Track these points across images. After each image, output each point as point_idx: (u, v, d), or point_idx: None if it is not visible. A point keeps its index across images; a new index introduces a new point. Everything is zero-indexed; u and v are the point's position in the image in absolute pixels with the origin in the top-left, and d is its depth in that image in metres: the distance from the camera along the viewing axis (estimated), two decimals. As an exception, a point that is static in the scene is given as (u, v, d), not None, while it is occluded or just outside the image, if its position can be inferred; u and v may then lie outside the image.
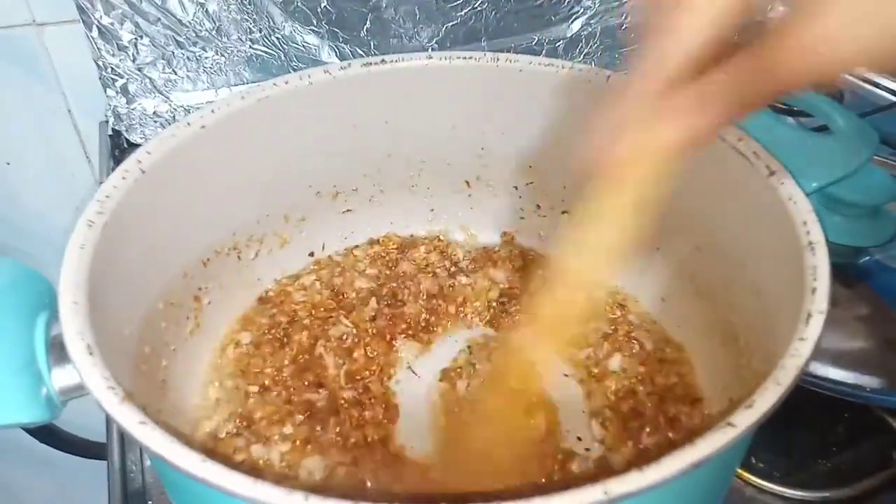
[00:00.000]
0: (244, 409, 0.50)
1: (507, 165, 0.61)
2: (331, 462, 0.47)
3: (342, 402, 0.51)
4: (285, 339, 0.56)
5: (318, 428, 0.49)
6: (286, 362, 0.54)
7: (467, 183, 0.64)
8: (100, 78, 0.79)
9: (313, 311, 0.58)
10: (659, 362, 0.54)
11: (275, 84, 0.52)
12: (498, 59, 0.55)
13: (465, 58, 0.56)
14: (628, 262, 0.39)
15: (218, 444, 0.48)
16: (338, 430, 0.49)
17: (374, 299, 0.59)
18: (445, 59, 0.56)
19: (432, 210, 0.65)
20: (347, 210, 0.63)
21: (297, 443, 0.48)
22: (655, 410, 0.50)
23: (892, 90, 0.89)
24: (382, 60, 0.55)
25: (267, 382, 0.52)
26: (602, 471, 0.47)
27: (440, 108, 0.58)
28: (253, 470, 0.46)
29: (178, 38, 0.80)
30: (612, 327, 0.57)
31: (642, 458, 0.46)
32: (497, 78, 0.56)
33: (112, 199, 0.42)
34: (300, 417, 0.49)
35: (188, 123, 0.48)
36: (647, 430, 0.49)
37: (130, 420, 0.31)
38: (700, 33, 0.31)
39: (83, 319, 0.35)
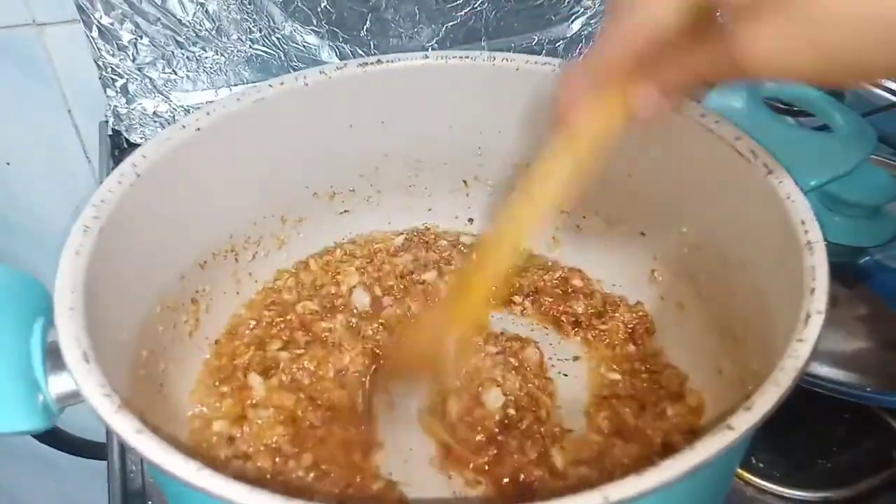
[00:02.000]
0: (243, 414, 0.50)
1: (504, 165, 0.61)
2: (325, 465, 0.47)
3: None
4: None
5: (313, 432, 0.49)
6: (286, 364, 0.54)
7: (465, 183, 0.64)
8: (100, 78, 0.79)
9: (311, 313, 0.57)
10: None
11: (270, 85, 0.52)
12: (494, 59, 0.55)
13: (461, 57, 0.55)
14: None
15: (216, 450, 0.48)
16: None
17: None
18: (442, 58, 0.56)
19: (430, 210, 0.65)
20: (345, 211, 0.63)
21: (295, 447, 0.48)
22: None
23: (893, 90, 0.88)
24: (379, 60, 0.55)
25: (267, 385, 0.52)
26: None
27: (437, 108, 0.58)
28: (251, 477, 0.46)
29: (178, 38, 0.79)
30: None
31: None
32: (494, 77, 0.56)
33: (108, 203, 0.42)
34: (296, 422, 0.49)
35: (183, 126, 0.48)
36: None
37: (127, 428, 0.31)
38: (669, 13, 0.33)
39: (79, 325, 0.35)
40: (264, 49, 0.83)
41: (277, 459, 0.47)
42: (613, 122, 0.39)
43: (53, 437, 0.81)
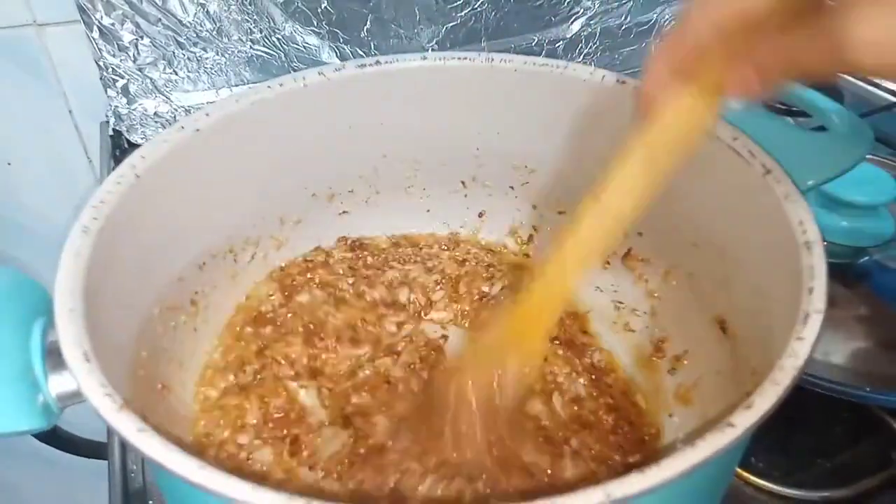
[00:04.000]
0: (243, 413, 0.50)
1: (503, 166, 0.61)
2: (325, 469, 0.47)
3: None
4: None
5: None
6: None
7: (463, 184, 0.64)
8: (100, 78, 0.79)
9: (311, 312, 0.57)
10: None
11: (269, 86, 0.52)
12: (493, 60, 0.55)
13: (460, 58, 0.55)
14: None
15: (217, 449, 0.48)
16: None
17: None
18: (440, 59, 0.55)
19: (428, 211, 0.65)
20: (343, 212, 0.63)
21: (295, 446, 0.48)
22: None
23: (892, 90, 0.88)
24: (377, 61, 0.55)
25: (266, 386, 0.52)
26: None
27: (436, 109, 0.58)
28: (252, 475, 0.46)
29: (179, 38, 0.80)
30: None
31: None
32: (492, 78, 0.55)
33: (107, 204, 0.42)
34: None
35: (182, 127, 0.48)
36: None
37: (129, 427, 0.31)
38: None
39: (79, 326, 0.35)
40: (265, 50, 0.83)
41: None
42: (702, 114, 0.37)
43: (54, 437, 0.81)
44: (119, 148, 0.82)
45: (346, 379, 0.53)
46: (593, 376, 0.54)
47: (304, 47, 0.85)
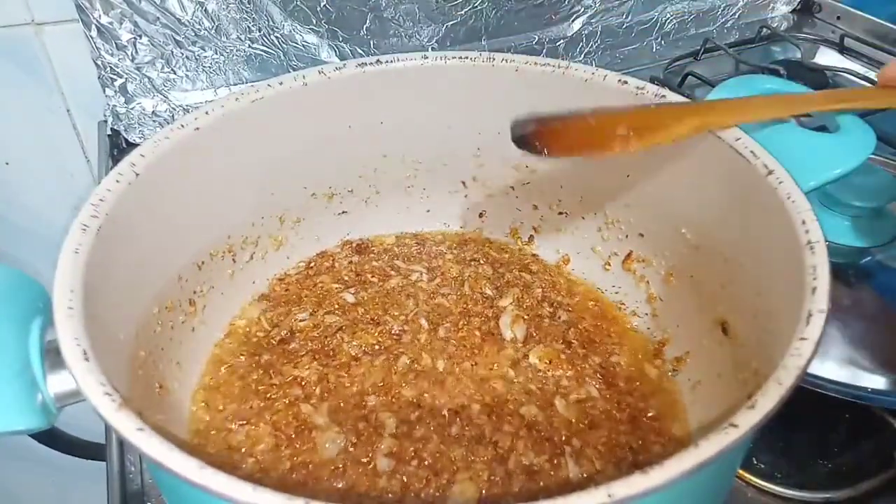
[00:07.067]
0: (243, 413, 0.50)
1: (503, 166, 0.61)
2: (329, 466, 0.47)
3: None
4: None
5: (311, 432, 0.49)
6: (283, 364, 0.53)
7: (463, 183, 0.64)
8: (99, 77, 0.79)
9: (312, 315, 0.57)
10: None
11: (269, 85, 0.52)
12: (494, 59, 0.55)
13: (460, 58, 0.55)
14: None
15: (217, 448, 0.48)
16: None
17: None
18: (441, 58, 0.55)
19: (428, 211, 0.65)
20: (343, 212, 0.63)
21: (294, 446, 0.48)
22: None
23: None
24: (378, 61, 0.55)
25: (265, 385, 0.52)
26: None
27: (436, 109, 0.58)
28: (252, 475, 0.46)
29: (178, 37, 0.79)
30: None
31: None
32: (493, 78, 0.56)
33: (106, 202, 0.41)
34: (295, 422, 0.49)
35: (182, 125, 0.48)
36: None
37: (128, 427, 0.31)
38: None
39: (78, 325, 0.35)
40: (263, 48, 0.83)
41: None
42: None
43: (52, 438, 0.80)
44: (117, 147, 0.82)
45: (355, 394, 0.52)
46: (606, 377, 0.53)
47: (304, 46, 0.85)
